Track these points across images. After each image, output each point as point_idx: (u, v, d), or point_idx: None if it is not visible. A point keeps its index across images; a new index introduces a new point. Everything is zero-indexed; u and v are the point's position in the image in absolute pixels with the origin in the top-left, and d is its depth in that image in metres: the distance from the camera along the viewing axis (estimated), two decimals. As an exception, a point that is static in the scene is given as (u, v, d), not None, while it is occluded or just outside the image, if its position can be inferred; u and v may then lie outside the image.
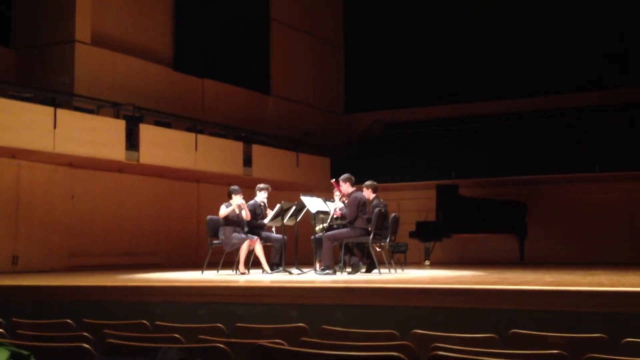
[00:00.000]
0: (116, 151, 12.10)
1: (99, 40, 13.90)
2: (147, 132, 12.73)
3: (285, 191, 15.00)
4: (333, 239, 8.72)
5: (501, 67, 18.35)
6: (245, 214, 9.17)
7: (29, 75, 13.30)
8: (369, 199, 8.98)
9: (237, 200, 9.16)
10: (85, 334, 4.01)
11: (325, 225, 9.33)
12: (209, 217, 9.47)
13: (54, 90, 12.61)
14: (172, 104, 14.98)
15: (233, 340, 3.99)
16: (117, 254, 13.16)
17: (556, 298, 5.24)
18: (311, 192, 11.80)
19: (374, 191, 9.03)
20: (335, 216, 9.08)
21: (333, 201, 9.30)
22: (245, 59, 17.55)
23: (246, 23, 17.63)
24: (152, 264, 13.45)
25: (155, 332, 4.50)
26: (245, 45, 17.55)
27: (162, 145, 12.90)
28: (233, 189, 9.28)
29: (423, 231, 14.22)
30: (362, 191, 8.98)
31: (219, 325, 4.56)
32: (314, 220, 9.34)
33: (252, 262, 9.50)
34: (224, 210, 9.08)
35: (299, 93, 18.76)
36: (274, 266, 9.25)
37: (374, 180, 9.26)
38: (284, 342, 3.51)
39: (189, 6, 16.15)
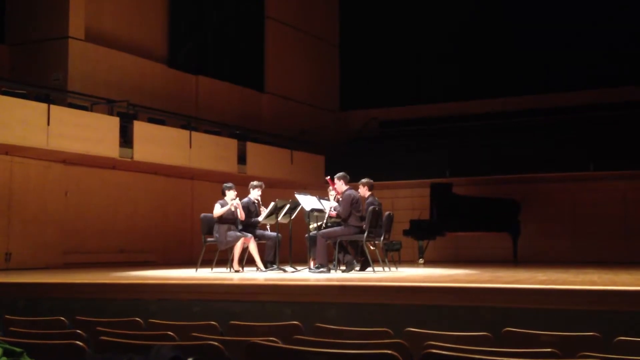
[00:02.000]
0: (110, 148, 12.08)
1: (93, 37, 13.85)
2: (141, 129, 12.70)
3: (280, 189, 14.98)
4: (327, 237, 8.72)
5: (496, 66, 18.39)
6: (240, 214, 9.15)
7: (22, 72, 13.25)
8: (364, 197, 8.98)
9: (231, 195, 9.15)
10: (79, 331, 3.99)
11: (322, 224, 9.31)
12: (203, 214, 9.44)
13: (47, 86, 12.57)
14: (166, 101, 14.95)
15: (227, 338, 3.98)
16: (111, 252, 13.14)
17: (549, 296, 5.25)
18: (305, 190, 11.80)
19: (370, 189, 9.02)
20: (330, 217, 9.06)
21: (327, 199, 9.28)
22: (240, 56, 17.52)
23: (241, 20, 17.61)
24: (146, 261, 13.44)
25: (148, 330, 4.48)
26: (239, 42, 17.53)
27: (156, 143, 12.88)
28: (226, 186, 9.27)
29: (417, 229, 14.24)
30: (358, 189, 8.97)
31: (212, 323, 4.55)
32: (308, 218, 9.33)
33: (246, 260, 9.49)
34: (218, 210, 9.03)
35: (293, 91, 18.74)
36: (268, 264, 9.24)
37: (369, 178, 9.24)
38: (277, 340, 3.50)
39: (184, 3, 16.12)
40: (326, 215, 8.97)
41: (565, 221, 15.68)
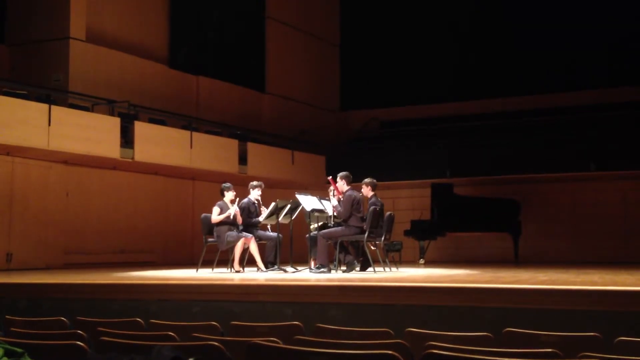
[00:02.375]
0: (111, 148, 12.08)
1: (94, 37, 13.86)
2: (142, 130, 12.71)
3: (280, 189, 14.99)
4: (328, 237, 8.72)
5: (496, 66, 18.39)
6: (238, 219, 9.15)
7: (23, 72, 13.26)
8: (366, 197, 8.97)
9: (230, 195, 9.17)
10: (80, 332, 4.00)
11: (324, 223, 9.31)
12: (203, 215, 9.44)
13: (48, 87, 12.58)
14: (167, 102, 14.96)
15: (228, 338, 3.99)
16: (112, 252, 13.14)
17: (550, 297, 5.25)
18: (306, 190, 11.80)
19: (373, 189, 9.00)
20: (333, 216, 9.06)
21: (328, 200, 9.28)
22: (241, 56, 17.53)
23: (241, 21, 17.61)
24: (147, 261, 13.44)
25: (149, 330, 4.49)
26: (240, 43, 17.54)
27: (157, 143, 12.88)
28: (225, 187, 9.29)
29: (418, 230, 14.23)
30: (360, 188, 8.97)
31: (213, 323, 4.56)
32: (309, 218, 9.33)
33: (247, 260, 9.49)
34: (217, 217, 9.02)
35: (294, 91, 18.75)
36: (268, 264, 9.24)
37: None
38: (278, 340, 3.51)
39: (184, 3, 16.13)
40: (330, 215, 8.97)
41: (565, 221, 15.68)
